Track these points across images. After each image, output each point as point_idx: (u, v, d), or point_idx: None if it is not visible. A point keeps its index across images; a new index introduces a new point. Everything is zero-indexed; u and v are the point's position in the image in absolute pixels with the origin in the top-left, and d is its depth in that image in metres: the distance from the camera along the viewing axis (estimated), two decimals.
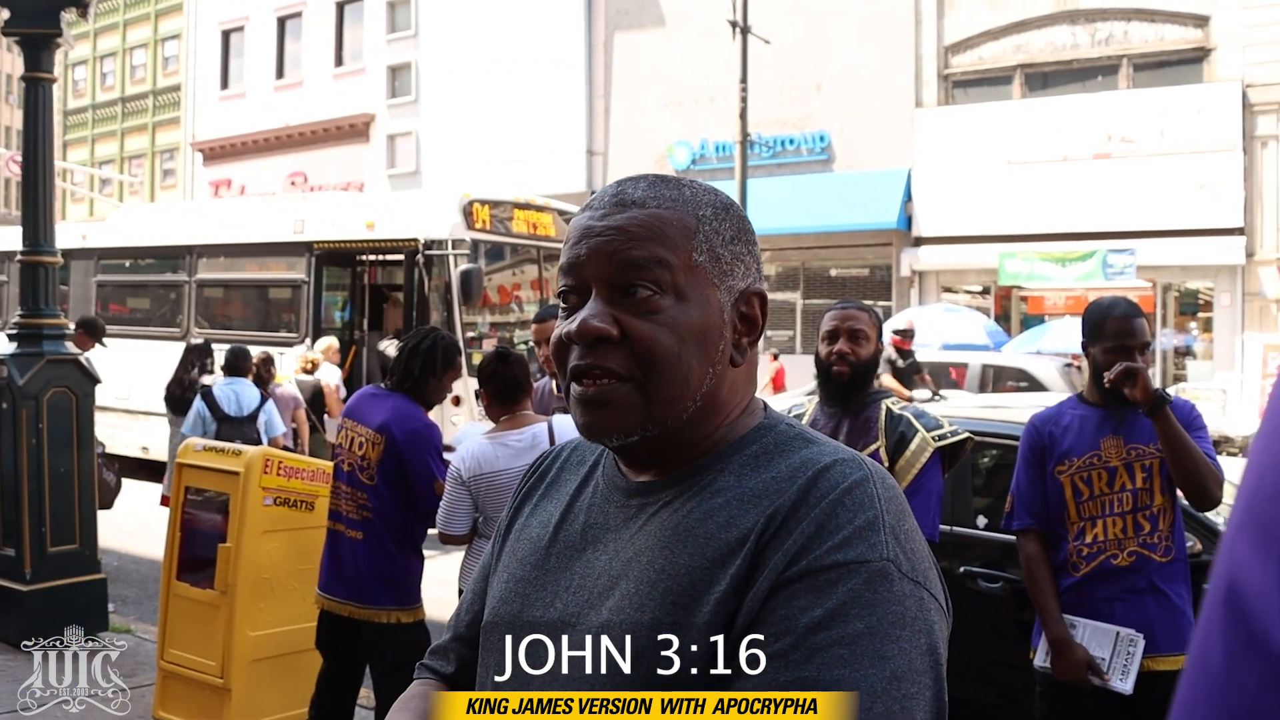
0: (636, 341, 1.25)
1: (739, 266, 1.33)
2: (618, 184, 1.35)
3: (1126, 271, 20.69)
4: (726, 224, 1.34)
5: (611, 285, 1.27)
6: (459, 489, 4.48)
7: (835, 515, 1.14)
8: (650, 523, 1.27)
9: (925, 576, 1.16)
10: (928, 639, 1.12)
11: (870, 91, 24.02)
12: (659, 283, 1.26)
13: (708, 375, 1.28)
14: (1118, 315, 3.74)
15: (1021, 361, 16.19)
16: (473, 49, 29.11)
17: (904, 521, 1.18)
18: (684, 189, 1.34)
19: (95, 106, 42.19)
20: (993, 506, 5.64)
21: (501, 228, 12.91)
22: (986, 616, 5.07)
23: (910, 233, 23.46)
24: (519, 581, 1.36)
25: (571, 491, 1.42)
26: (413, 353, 4.80)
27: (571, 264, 1.30)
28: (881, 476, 1.21)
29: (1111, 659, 3.64)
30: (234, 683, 5.35)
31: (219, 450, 5.72)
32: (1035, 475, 3.86)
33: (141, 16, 40.05)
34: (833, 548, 1.12)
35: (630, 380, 1.26)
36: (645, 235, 1.27)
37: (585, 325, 1.26)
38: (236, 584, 5.33)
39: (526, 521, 1.45)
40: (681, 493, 1.27)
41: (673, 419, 1.27)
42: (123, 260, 16.16)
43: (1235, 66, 20.80)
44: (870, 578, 1.11)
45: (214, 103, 36.28)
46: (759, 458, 1.27)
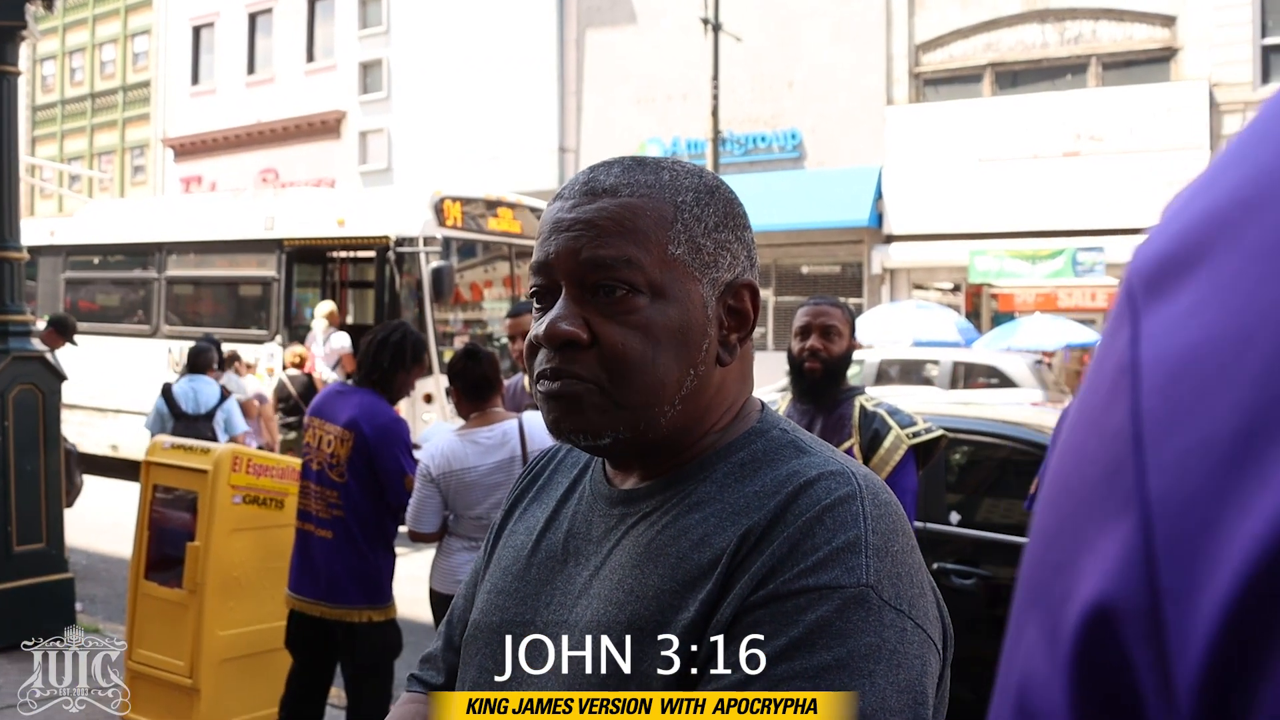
0: (605, 346, 1.17)
1: (724, 256, 1.23)
2: (591, 169, 1.26)
3: (1096, 269, 20.81)
4: (710, 209, 1.24)
5: (581, 285, 1.19)
6: (428, 486, 4.46)
7: (812, 535, 1.06)
8: (627, 536, 1.21)
9: (913, 605, 1.06)
10: (907, 675, 1.02)
11: (841, 89, 24.07)
12: (630, 282, 1.17)
13: (688, 377, 1.20)
14: None
15: (992, 358, 16.28)
16: (444, 46, 29.02)
17: (893, 543, 1.08)
18: (662, 172, 1.25)
19: (64, 102, 41.78)
20: (966, 503, 5.66)
21: (473, 225, 12.86)
22: (959, 613, 5.06)
23: (881, 230, 23.52)
24: (500, 593, 1.31)
25: (559, 496, 1.36)
26: (382, 345, 4.76)
27: (540, 263, 1.23)
28: (874, 492, 1.11)
29: None
30: (203, 683, 5.31)
31: (187, 448, 5.67)
32: None
33: (111, 12, 39.69)
34: (804, 571, 1.04)
35: (596, 385, 1.18)
36: (614, 230, 1.18)
37: (553, 329, 1.18)
38: (205, 583, 5.28)
39: (514, 528, 1.39)
40: (661, 504, 1.21)
41: (646, 423, 1.19)
42: (91, 257, 16.03)
43: (1202, 66, 20.95)
44: (844, 604, 1.02)
45: (185, 99, 36.03)
46: (745, 467, 1.19)
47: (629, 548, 1.19)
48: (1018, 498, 5.29)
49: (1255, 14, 20.66)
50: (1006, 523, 5.45)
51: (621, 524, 1.22)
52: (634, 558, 1.17)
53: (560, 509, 1.33)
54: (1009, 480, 5.57)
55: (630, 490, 1.25)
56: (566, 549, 1.27)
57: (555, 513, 1.33)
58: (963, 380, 15.71)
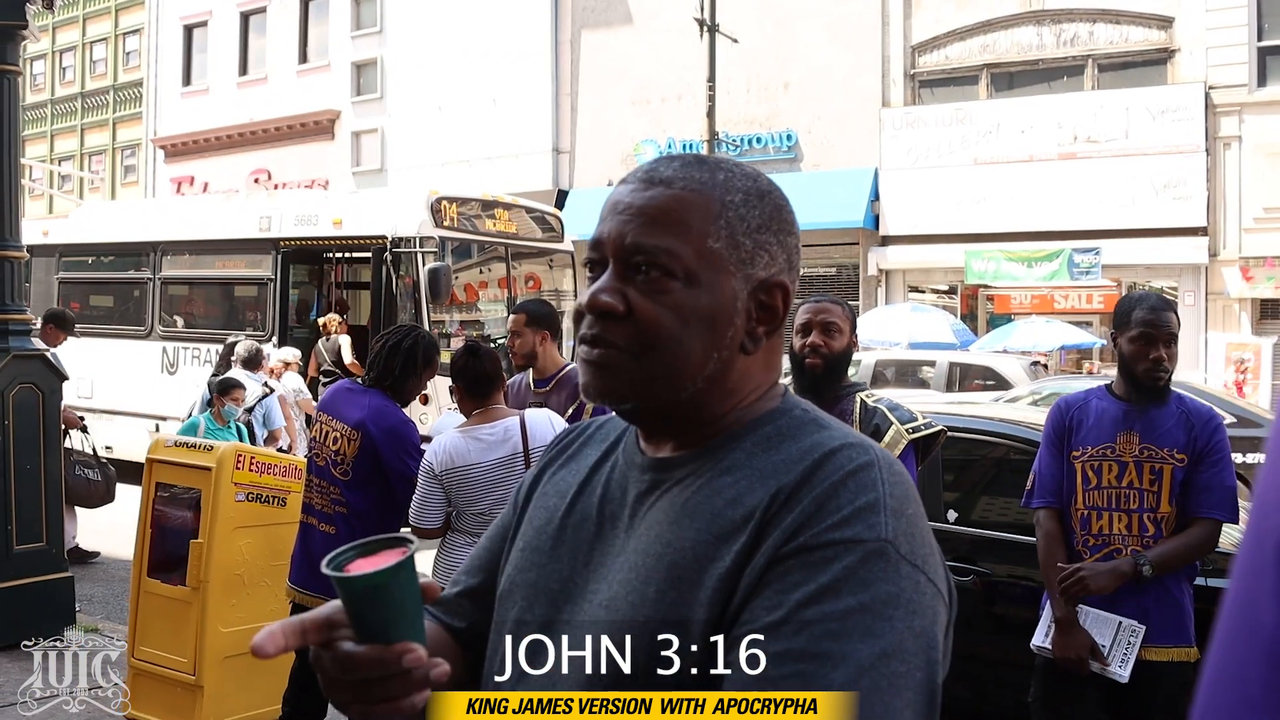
0: (640, 319, 1.28)
1: (762, 255, 1.33)
2: (655, 160, 1.38)
3: (1092, 271, 20.86)
4: (756, 211, 1.34)
5: (624, 263, 1.30)
6: (431, 483, 4.48)
7: (837, 496, 1.16)
8: (662, 499, 1.29)
9: (925, 561, 1.15)
10: (921, 622, 1.11)
11: (837, 91, 24.09)
12: (667, 267, 1.28)
13: (711, 359, 1.30)
14: (1146, 305, 3.81)
15: (988, 360, 16.31)
16: (439, 46, 29.00)
17: (907, 507, 1.18)
18: (719, 172, 1.35)
19: (54, 102, 41.66)
20: (962, 501, 5.68)
21: (469, 225, 12.87)
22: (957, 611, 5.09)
23: (877, 232, 23.55)
24: (535, 550, 1.39)
25: (591, 464, 1.44)
26: (394, 350, 4.78)
27: (596, 239, 1.34)
28: (889, 463, 1.21)
29: (1112, 646, 3.67)
30: (206, 679, 5.32)
31: (190, 446, 5.69)
32: (1056, 455, 3.91)
33: (102, 11, 39.59)
34: (831, 526, 1.14)
35: (628, 353, 1.29)
36: (660, 219, 1.29)
37: (595, 299, 1.30)
38: (208, 580, 5.30)
39: (545, 490, 1.47)
40: (693, 471, 1.29)
41: (669, 395, 1.29)
42: (85, 257, 16.00)
43: (1199, 68, 21.00)
44: (866, 556, 1.11)
45: (176, 99, 35.95)
46: (771, 439, 1.28)
47: (664, 508, 1.28)
48: (1014, 496, 5.31)
49: (1251, 16, 20.73)
50: (1003, 521, 5.47)
51: (656, 488, 1.31)
52: (670, 515, 1.26)
53: (593, 476, 1.42)
54: (1005, 478, 5.60)
55: (664, 458, 1.33)
56: (602, 513, 1.36)
57: (588, 479, 1.42)
58: (959, 382, 15.74)
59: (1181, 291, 21.26)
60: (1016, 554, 5.01)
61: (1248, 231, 20.57)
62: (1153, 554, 3.67)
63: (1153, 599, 3.70)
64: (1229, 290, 20.70)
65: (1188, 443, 3.71)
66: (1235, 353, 19.64)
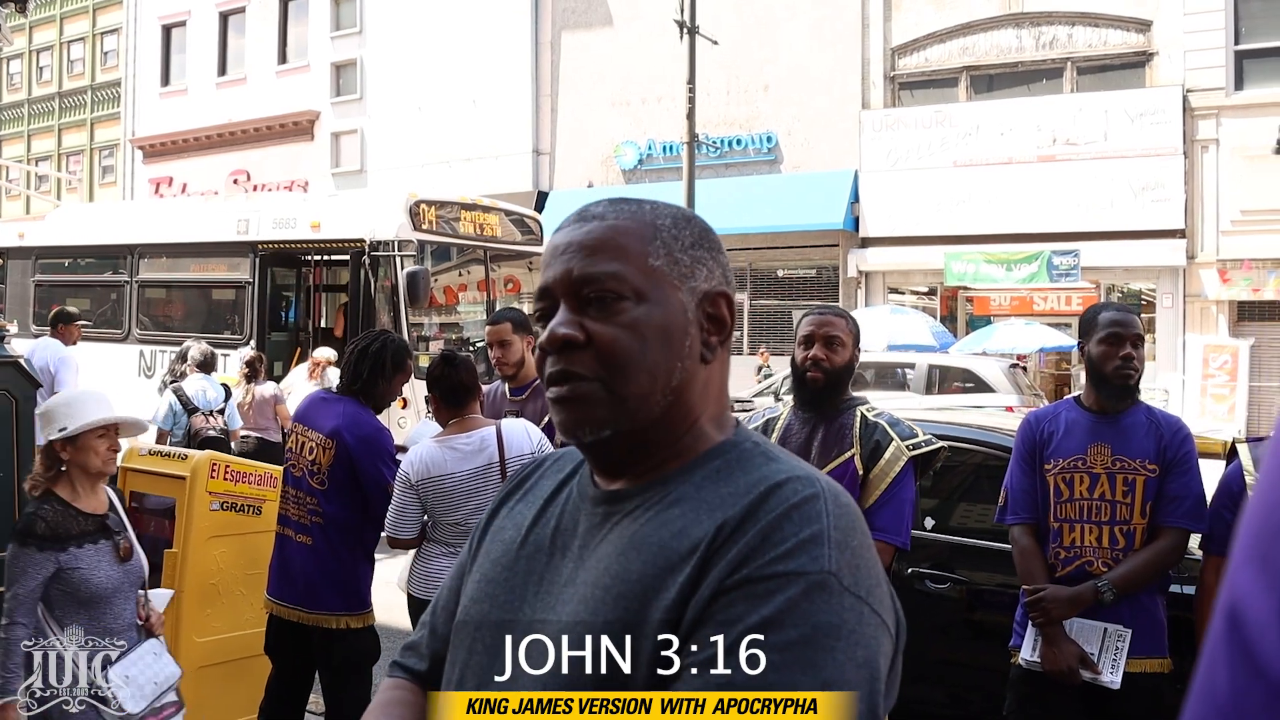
0: (600, 344, 1.31)
1: (701, 269, 1.38)
2: (582, 206, 1.43)
3: (1071, 273, 20.94)
4: (686, 231, 1.39)
5: (575, 296, 1.34)
6: (407, 493, 4.46)
7: (781, 528, 1.18)
8: (613, 531, 1.31)
9: (869, 593, 1.17)
10: (864, 652, 1.13)
11: (817, 93, 24.13)
12: (616, 290, 1.32)
13: (676, 370, 1.33)
14: (1112, 309, 3.85)
15: (967, 362, 16.35)
16: (419, 47, 28.95)
17: (852, 538, 1.19)
18: (644, 205, 1.41)
19: (31, 101, 41.44)
20: (940, 508, 5.68)
21: (448, 228, 12.83)
22: (934, 617, 5.10)
23: (857, 233, 23.60)
24: (489, 582, 1.41)
25: (546, 496, 1.46)
26: (361, 355, 4.75)
27: (542, 288, 1.38)
28: (834, 494, 1.23)
29: (1101, 653, 3.67)
30: (181, 689, 5.27)
31: (164, 454, 5.64)
32: (1028, 470, 3.90)
33: (79, 10, 39.41)
34: (775, 559, 1.16)
35: (597, 380, 1.31)
36: (600, 247, 1.34)
37: (553, 333, 1.33)
38: (183, 590, 5.25)
39: (501, 524, 1.49)
40: (643, 502, 1.31)
41: (644, 413, 1.32)
42: (62, 260, 15.90)
43: (1176, 71, 21.12)
44: (809, 588, 1.13)
45: (154, 99, 35.80)
46: (720, 471, 1.31)
47: (614, 540, 1.30)
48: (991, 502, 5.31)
49: (1229, 20, 20.85)
50: (980, 528, 5.47)
51: (607, 520, 1.33)
52: (619, 548, 1.28)
53: (547, 508, 1.44)
54: (982, 485, 5.59)
55: (615, 491, 1.36)
56: (554, 543, 1.38)
57: (542, 511, 1.44)
58: (938, 384, 15.78)
59: (1160, 294, 21.37)
60: (994, 561, 5.01)
61: (1225, 234, 20.69)
62: (1116, 575, 3.67)
63: (1128, 612, 3.70)
64: (1206, 292, 20.81)
65: (1158, 452, 3.72)
66: (1213, 354, 19.77)
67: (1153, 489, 3.70)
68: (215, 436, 9.58)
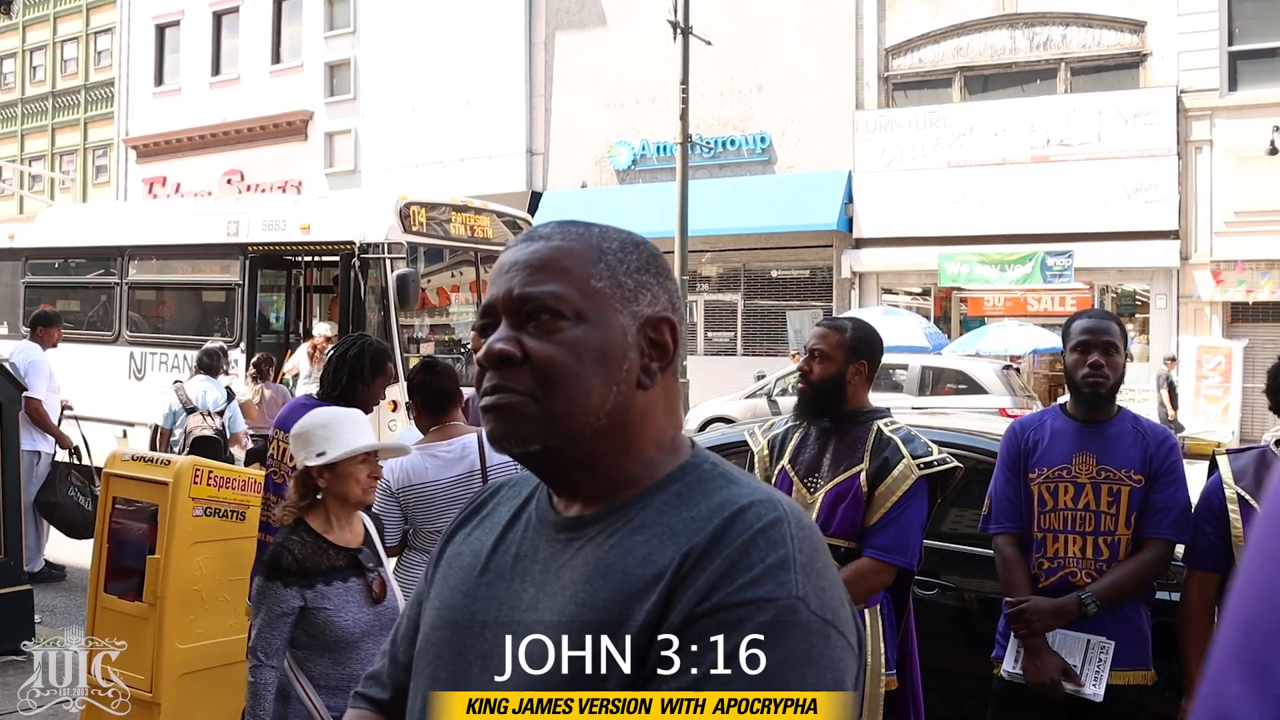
0: (535, 360, 1.31)
1: (645, 294, 1.38)
2: (533, 227, 1.47)
3: (1065, 274, 20.95)
4: (633, 255, 1.39)
5: (515, 313, 1.35)
6: (388, 500, 4.42)
7: (747, 554, 1.19)
8: (575, 557, 1.31)
9: (835, 615, 1.19)
10: (834, 675, 1.15)
11: (811, 93, 24.12)
12: (555, 309, 1.32)
13: (611, 393, 1.32)
14: (1086, 316, 3.83)
15: (960, 364, 16.34)
16: (412, 47, 28.93)
17: (816, 560, 1.21)
18: (593, 227, 1.42)
19: (24, 101, 41.37)
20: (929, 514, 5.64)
21: (438, 230, 12.78)
22: (923, 622, 5.07)
23: (851, 234, 23.59)
24: (449, 609, 1.41)
25: (505, 521, 1.45)
26: (340, 360, 4.71)
27: (485, 305, 1.40)
28: (797, 517, 1.24)
29: (1084, 665, 3.63)
30: (164, 696, 5.24)
31: (147, 460, 5.61)
32: (1013, 479, 3.86)
33: (73, 9, 39.34)
34: (743, 585, 1.17)
35: (529, 395, 1.31)
36: (542, 267, 1.35)
37: (490, 349, 1.34)
38: (166, 596, 5.22)
39: (458, 549, 1.49)
40: (605, 528, 1.31)
41: (574, 431, 1.31)
42: (52, 261, 15.84)
43: (1170, 72, 21.13)
44: (778, 614, 1.15)
45: (148, 99, 35.76)
46: (680, 496, 1.31)
47: (578, 567, 1.30)
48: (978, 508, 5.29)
49: (1223, 21, 20.87)
50: (969, 533, 5.45)
51: (569, 547, 1.33)
52: (583, 575, 1.28)
53: (506, 534, 1.43)
54: (971, 491, 5.57)
55: (575, 517, 1.36)
56: (514, 569, 1.37)
57: (501, 537, 1.43)
58: (931, 386, 15.78)
59: (1153, 294, 21.38)
60: (981, 567, 4.98)
61: (1219, 235, 20.71)
62: (1099, 587, 3.64)
63: (1111, 624, 3.67)
64: (1200, 293, 20.83)
65: (1144, 462, 3.68)
66: (1206, 355, 19.79)
67: (1138, 500, 3.66)
68: (208, 436, 9.56)
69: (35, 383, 8.81)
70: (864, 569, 3.62)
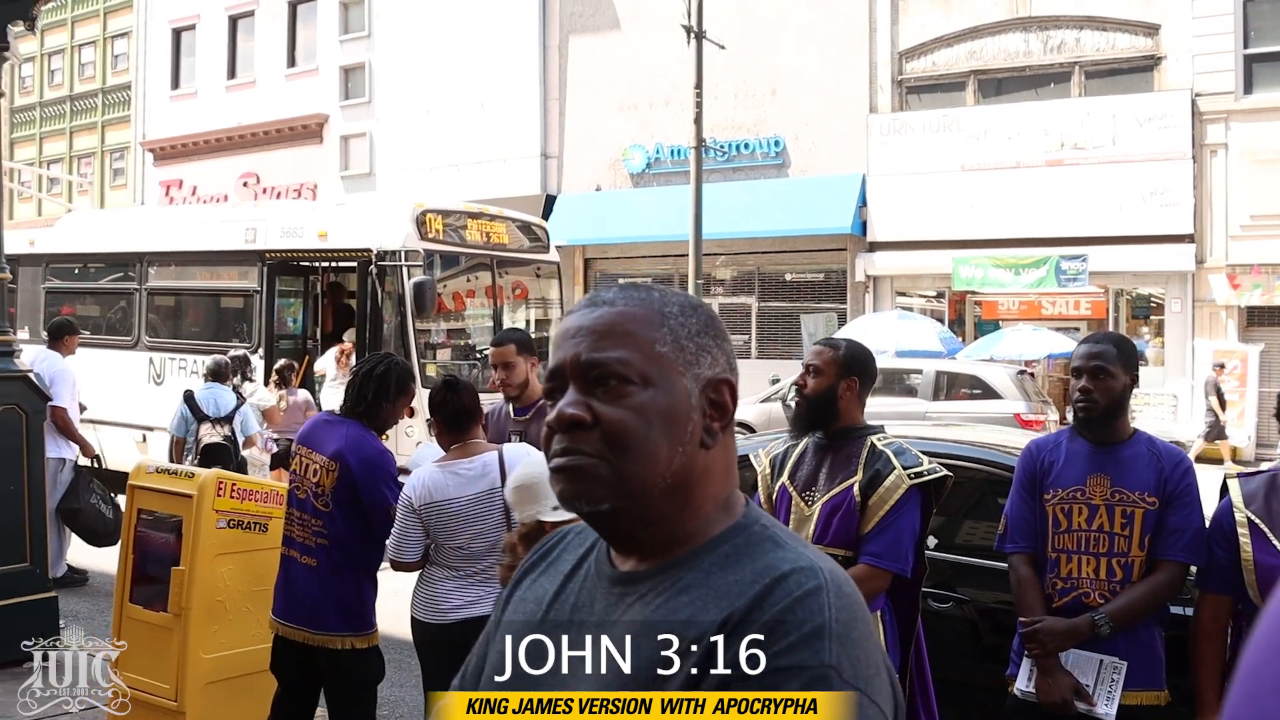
0: (606, 425, 1.36)
1: (705, 356, 1.43)
2: (594, 291, 1.51)
3: (1079, 278, 20.90)
4: (693, 319, 1.44)
5: (583, 379, 1.39)
6: (410, 517, 4.49)
7: (785, 622, 1.23)
8: (626, 613, 1.37)
9: (869, 683, 1.22)
10: None
11: (825, 97, 24.11)
12: (623, 375, 1.37)
13: (677, 454, 1.37)
14: (1087, 341, 3.89)
15: (975, 369, 16.32)
16: (427, 50, 28.97)
17: (853, 629, 1.24)
18: (653, 291, 1.46)
19: (42, 104, 41.58)
20: (943, 527, 5.69)
21: (455, 237, 12.86)
22: (938, 636, 5.11)
23: (865, 237, 23.57)
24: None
25: (567, 571, 1.52)
26: (366, 378, 4.79)
27: (552, 370, 1.43)
28: (837, 585, 1.28)
29: (1096, 685, 3.67)
30: (188, 705, 5.32)
31: (172, 473, 5.68)
32: (1029, 499, 3.90)
33: (90, 14, 39.51)
34: (778, 653, 1.21)
35: (600, 458, 1.36)
36: (609, 333, 1.39)
37: (561, 413, 1.38)
38: (190, 607, 5.30)
39: (524, 595, 1.56)
40: (655, 586, 1.37)
41: (643, 493, 1.36)
42: (72, 266, 15.97)
43: (1185, 75, 21.06)
44: (810, 682, 1.18)
45: (165, 102, 35.88)
46: (728, 558, 1.35)
47: (626, 625, 1.35)
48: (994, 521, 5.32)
49: (1238, 24, 20.79)
50: (984, 546, 5.48)
51: (621, 601, 1.39)
52: (632, 631, 1.33)
53: (567, 583, 1.50)
54: (986, 504, 5.60)
55: (629, 572, 1.41)
56: (571, 619, 1.43)
57: (563, 586, 1.50)
58: (945, 391, 15.77)
59: (1169, 298, 21.33)
60: (997, 580, 5.02)
61: (1234, 239, 20.64)
62: (1113, 608, 3.67)
63: (1124, 645, 3.70)
64: (1216, 297, 20.76)
65: (1158, 485, 3.71)
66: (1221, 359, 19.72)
67: (1151, 522, 3.69)
68: (218, 444, 9.70)
69: (61, 391, 8.91)
70: (859, 575, 3.69)
